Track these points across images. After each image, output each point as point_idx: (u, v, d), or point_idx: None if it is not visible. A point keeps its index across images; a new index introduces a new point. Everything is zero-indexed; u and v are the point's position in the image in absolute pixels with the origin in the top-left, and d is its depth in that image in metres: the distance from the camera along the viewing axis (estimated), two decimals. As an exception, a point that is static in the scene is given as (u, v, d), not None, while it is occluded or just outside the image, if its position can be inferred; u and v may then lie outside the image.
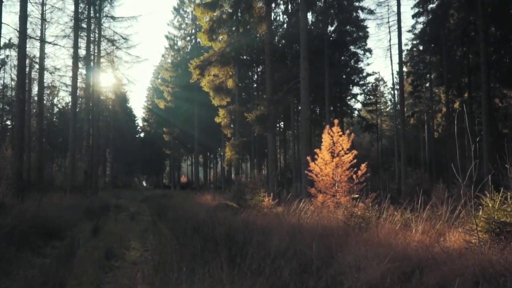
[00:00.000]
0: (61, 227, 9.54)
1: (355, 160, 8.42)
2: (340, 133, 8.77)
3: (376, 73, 33.88)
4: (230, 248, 4.91)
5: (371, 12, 27.67)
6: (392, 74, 41.07)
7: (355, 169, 8.45)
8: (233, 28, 20.43)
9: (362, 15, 28.35)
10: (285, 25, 30.92)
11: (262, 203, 11.93)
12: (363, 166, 8.33)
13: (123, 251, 7.20)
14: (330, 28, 28.97)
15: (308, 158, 8.90)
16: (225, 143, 37.03)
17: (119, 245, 7.55)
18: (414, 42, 35.91)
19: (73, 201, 16.59)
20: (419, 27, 38.09)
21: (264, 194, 12.73)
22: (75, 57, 23.80)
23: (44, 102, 38.41)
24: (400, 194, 20.31)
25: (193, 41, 41.20)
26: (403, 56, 44.66)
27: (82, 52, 28.51)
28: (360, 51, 31.84)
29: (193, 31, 41.18)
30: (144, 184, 73.36)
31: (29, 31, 26.04)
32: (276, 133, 26.99)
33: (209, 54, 18.26)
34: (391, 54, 34.96)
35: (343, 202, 8.10)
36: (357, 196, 8.46)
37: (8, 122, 41.07)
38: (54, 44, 33.28)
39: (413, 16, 28.73)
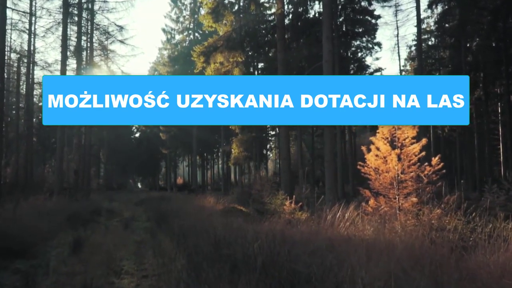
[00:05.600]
0: (35, 239, 7.46)
1: (423, 153, 6.39)
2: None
3: (382, 69, 32.12)
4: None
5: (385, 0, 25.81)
6: (400, 70, 39.46)
7: (426, 164, 6.42)
8: (236, 20, 18.49)
9: (375, 3, 26.51)
10: (290, 16, 28.96)
11: (283, 207, 9.93)
12: (435, 159, 6.30)
13: (111, 278, 5.10)
14: (339, 19, 27.12)
15: (363, 148, 6.86)
16: (227, 142, 35.03)
17: (106, 268, 5.45)
18: (422, 37, 34.09)
19: (59, 205, 14.46)
20: (427, 21, 36.52)
21: (283, 197, 10.76)
22: (64, 47, 21.53)
23: (34, 100, 36.19)
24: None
25: (191, 35, 39.20)
26: (409, 52, 43.28)
27: (73, 44, 26.35)
28: (369, 45, 30.10)
29: (191, 25, 39.22)
30: (139, 185, 71.20)
31: (19, 24, 23.97)
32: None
33: (214, 39, 16.27)
34: (398, 49, 33.36)
35: (407, 207, 6.08)
36: (415, 200, 6.45)
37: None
38: (44, 36, 31.33)
39: (429, 6, 26.79)
